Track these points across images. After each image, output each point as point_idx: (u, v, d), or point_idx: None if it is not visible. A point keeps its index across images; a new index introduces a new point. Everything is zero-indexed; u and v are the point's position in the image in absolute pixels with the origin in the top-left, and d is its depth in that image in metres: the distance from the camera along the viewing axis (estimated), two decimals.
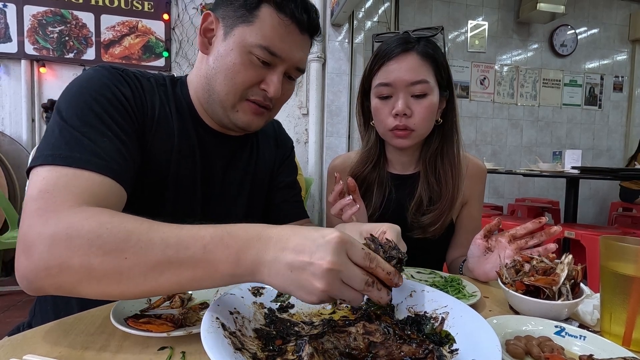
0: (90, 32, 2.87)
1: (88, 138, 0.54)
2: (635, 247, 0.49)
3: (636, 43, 4.07)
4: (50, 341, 0.44)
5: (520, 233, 0.71)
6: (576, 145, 4.00)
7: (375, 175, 0.97)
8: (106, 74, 0.63)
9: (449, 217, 0.91)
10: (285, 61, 0.69)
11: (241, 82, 0.67)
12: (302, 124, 3.26)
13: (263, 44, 0.65)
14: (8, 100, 2.81)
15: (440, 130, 0.92)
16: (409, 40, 0.85)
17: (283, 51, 0.67)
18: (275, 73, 0.69)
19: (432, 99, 0.84)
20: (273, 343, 0.42)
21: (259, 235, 0.41)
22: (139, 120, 0.65)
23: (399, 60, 0.84)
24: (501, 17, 3.73)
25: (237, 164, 0.81)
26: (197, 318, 0.50)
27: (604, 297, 0.51)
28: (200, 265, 0.41)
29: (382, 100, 0.88)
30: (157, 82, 0.72)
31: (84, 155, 0.52)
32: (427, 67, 0.84)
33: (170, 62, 3.02)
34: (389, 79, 0.84)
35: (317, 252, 0.38)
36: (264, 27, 0.65)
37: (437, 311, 0.48)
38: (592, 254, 2.06)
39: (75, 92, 0.59)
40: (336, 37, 3.10)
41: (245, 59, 0.66)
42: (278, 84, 0.69)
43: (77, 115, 0.56)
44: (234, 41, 0.66)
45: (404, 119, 0.84)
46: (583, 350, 0.45)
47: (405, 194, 0.94)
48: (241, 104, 0.70)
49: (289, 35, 0.67)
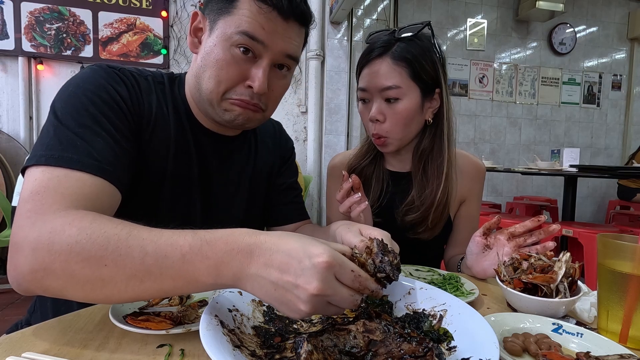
0: (87, 29, 2.85)
1: (82, 139, 0.54)
2: (632, 245, 0.49)
3: (635, 41, 4.07)
4: (48, 339, 0.44)
5: (519, 231, 0.71)
6: (574, 143, 4.01)
7: (373, 170, 0.97)
8: (103, 73, 0.62)
9: (436, 219, 0.89)
10: (269, 48, 0.64)
11: (226, 78, 0.65)
12: (301, 122, 3.25)
13: (243, 29, 0.63)
14: (5, 98, 2.79)
15: (431, 130, 0.91)
16: (386, 44, 0.84)
17: (264, 37, 0.64)
18: (260, 66, 0.65)
19: (405, 103, 0.84)
20: (272, 340, 0.42)
21: (239, 247, 0.40)
22: (135, 121, 0.64)
23: (372, 65, 0.85)
24: (500, 15, 3.72)
25: (234, 164, 0.81)
26: (195, 315, 0.50)
27: (601, 294, 0.52)
28: (181, 275, 0.41)
29: (363, 104, 0.90)
30: (155, 80, 0.72)
31: (77, 156, 0.52)
32: (400, 71, 0.83)
33: (168, 59, 3.01)
34: (364, 84, 0.87)
35: (302, 276, 0.37)
36: (244, 15, 0.63)
37: (435, 309, 0.48)
38: (590, 252, 2.07)
39: (71, 92, 0.59)
40: (335, 35, 3.09)
41: (227, 54, 0.64)
42: (263, 78, 0.65)
43: (72, 115, 0.56)
44: (217, 35, 0.65)
45: (378, 125, 0.86)
46: (580, 347, 0.45)
47: (399, 192, 0.95)
48: (226, 103, 0.68)
49: (270, 23, 0.64)
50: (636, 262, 0.48)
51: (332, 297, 0.38)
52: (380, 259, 0.44)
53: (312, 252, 0.38)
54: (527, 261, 0.60)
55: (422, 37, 0.86)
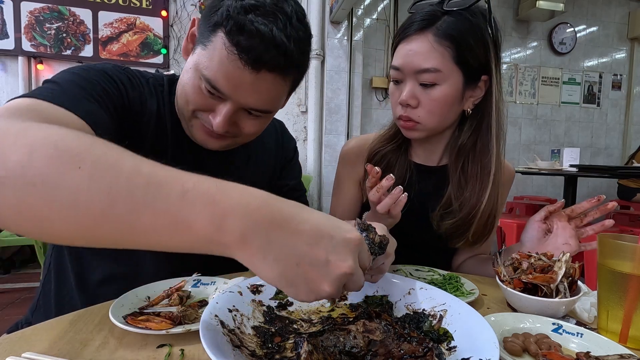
0: (87, 29, 2.85)
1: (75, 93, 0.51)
2: (632, 245, 0.49)
3: (635, 41, 4.06)
4: (49, 338, 0.44)
5: (577, 212, 0.70)
6: (574, 143, 4.01)
7: (397, 158, 0.85)
8: (109, 66, 0.63)
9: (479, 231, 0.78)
10: (232, 99, 0.59)
11: (192, 103, 0.62)
12: (301, 121, 3.26)
13: (207, 76, 0.57)
14: (5, 97, 2.79)
15: (472, 122, 0.79)
16: (431, 16, 0.71)
17: (228, 90, 0.57)
18: (224, 108, 0.60)
19: (444, 89, 0.72)
20: (272, 340, 0.42)
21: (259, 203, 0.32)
22: (133, 113, 0.64)
23: (410, 41, 0.72)
24: (500, 15, 3.71)
25: (231, 171, 0.79)
26: (196, 316, 0.50)
27: (601, 294, 0.52)
28: (171, 213, 0.30)
29: (395, 84, 0.78)
30: (157, 82, 0.71)
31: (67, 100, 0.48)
32: (443, 51, 0.70)
33: (168, 59, 3.01)
34: (398, 62, 0.75)
35: (335, 252, 0.33)
36: (213, 57, 0.56)
37: (435, 309, 0.48)
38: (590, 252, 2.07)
39: (75, 67, 0.58)
40: (335, 35, 3.09)
41: (196, 83, 0.60)
42: (222, 121, 0.60)
43: (72, 79, 0.54)
44: (193, 60, 0.60)
45: (409, 109, 0.75)
46: (580, 347, 0.45)
47: (430, 189, 0.83)
48: (195, 121, 0.65)
49: (236, 72, 0.56)
50: (636, 262, 0.48)
51: (354, 278, 0.35)
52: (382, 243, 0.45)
53: (343, 227, 0.35)
54: (527, 261, 0.60)
55: (476, 12, 0.72)
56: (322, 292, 0.33)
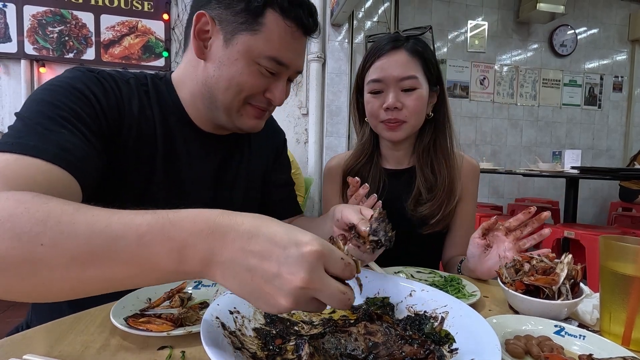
0: (90, 32, 2.87)
1: (45, 128, 0.51)
2: (634, 247, 0.49)
3: (636, 43, 4.06)
4: (50, 341, 0.44)
5: (514, 225, 0.72)
6: (576, 145, 4.00)
7: (369, 169, 0.99)
8: (79, 74, 0.62)
9: (449, 208, 0.92)
10: (290, 68, 0.69)
11: (248, 90, 0.67)
12: (302, 124, 3.26)
13: (271, 55, 0.64)
14: (8, 101, 2.81)
15: (432, 123, 0.96)
16: (399, 39, 0.90)
17: (290, 60, 0.67)
18: (281, 81, 0.69)
19: (421, 92, 0.89)
20: (273, 342, 0.42)
21: (210, 228, 0.34)
22: (112, 122, 0.62)
23: (389, 56, 0.88)
24: (501, 17, 3.72)
25: (229, 166, 0.80)
26: (196, 317, 0.50)
27: (604, 296, 0.51)
28: (135, 260, 0.33)
29: (374, 95, 0.92)
30: (138, 82, 0.70)
31: (33, 143, 0.48)
32: (416, 63, 0.88)
33: (170, 62, 3.02)
34: (379, 75, 0.89)
35: (286, 264, 0.32)
36: (272, 37, 0.64)
37: (436, 310, 0.48)
38: (592, 254, 2.06)
39: (42, 90, 0.57)
40: (336, 37, 3.10)
41: (253, 69, 0.65)
42: (283, 93, 0.70)
43: (40, 109, 0.54)
44: (238, 51, 0.64)
45: (395, 112, 0.89)
46: (582, 349, 0.45)
47: (401, 188, 0.96)
48: (245, 108, 0.70)
49: (295, 42, 0.66)
50: (639, 264, 0.48)
51: (320, 292, 0.33)
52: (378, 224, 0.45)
53: (299, 239, 0.33)
54: (529, 263, 0.60)
55: (427, 39, 0.94)
56: (280, 306, 0.33)
